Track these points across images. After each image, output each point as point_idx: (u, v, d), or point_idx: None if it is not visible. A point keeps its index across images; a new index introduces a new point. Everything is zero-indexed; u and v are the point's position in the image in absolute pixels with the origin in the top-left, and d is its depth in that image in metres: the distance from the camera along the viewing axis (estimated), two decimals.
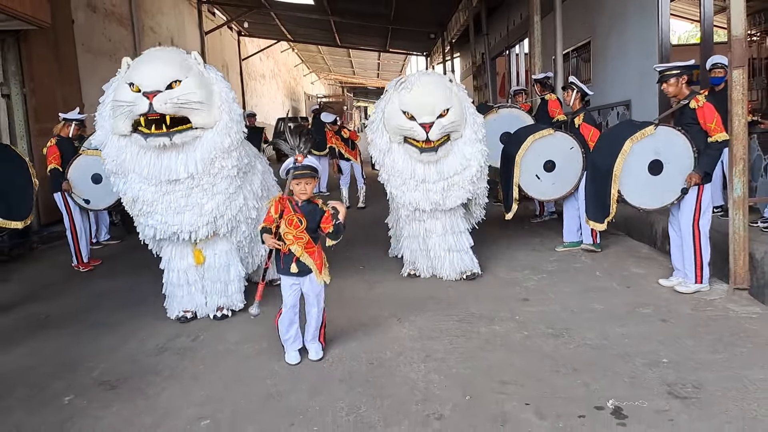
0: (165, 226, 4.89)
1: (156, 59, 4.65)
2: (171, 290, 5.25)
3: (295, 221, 4.00)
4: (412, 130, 5.45)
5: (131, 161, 4.69)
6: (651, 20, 9.14)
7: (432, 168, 5.64)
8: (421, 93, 5.46)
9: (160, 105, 4.44)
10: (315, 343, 4.25)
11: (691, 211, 5.21)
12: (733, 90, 4.96)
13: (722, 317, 4.60)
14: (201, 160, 4.68)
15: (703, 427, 3.05)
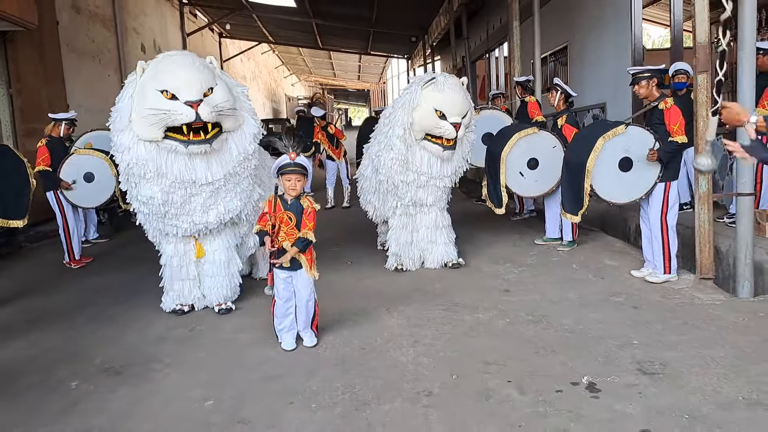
0: (192, 225, 5.05)
1: (188, 66, 4.65)
2: (169, 283, 5.39)
3: (286, 219, 4.24)
4: (444, 128, 5.80)
5: (163, 166, 4.74)
6: (625, 25, 9.50)
7: (445, 165, 6.06)
8: (452, 93, 5.85)
9: (207, 114, 4.53)
10: (308, 331, 4.49)
11: (659, 207, 5.55)
12: (698, 93, 5.29)
13: (688, 304, 4.93)
14: (233, 163, 4.88)
15: (668, 398, 3.35)
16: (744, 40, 4.95)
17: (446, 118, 5.78)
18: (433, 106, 5.81)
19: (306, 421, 3.36)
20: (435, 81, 5.90)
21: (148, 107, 4.57)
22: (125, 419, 3.50)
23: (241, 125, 4.94)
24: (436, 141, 5.91)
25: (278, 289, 4.38)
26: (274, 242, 4.26)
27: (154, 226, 5.22)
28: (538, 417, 3.24)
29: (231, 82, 5.01)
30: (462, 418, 3.28)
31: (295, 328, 4.49)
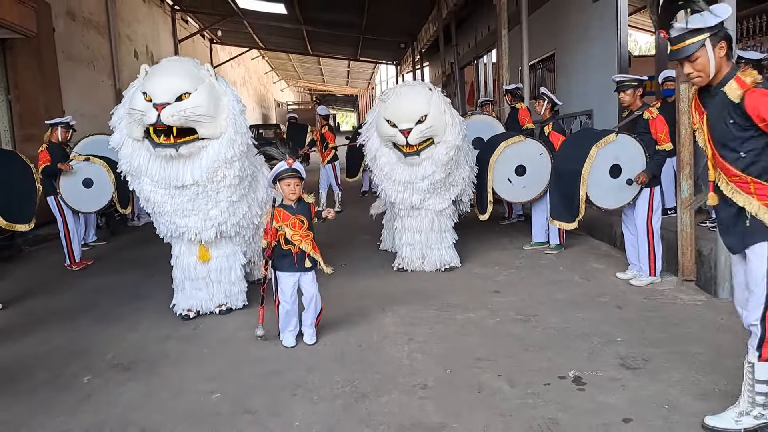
0: (174, 227, 5.22)
1: (169, 71, 4.88)
2: (181, 284, 5.50)
3: (297, 223, 4.45)
4: (395, 136, 6.02)
5: (143, 165, 4.96)
6: (611, 33, 9.79)
7: (415, 170, 6.21)
8: (399, 102, 6.08)
9: (167, 117, 4.65)
10: (312, 329, 4.69)
11: (645, 211, 5.79)
12: (680, 102, 5.54)
13: (671, 304, 5.18)
14: (205, 169, 4.92)
15: (649, 390, 3.58)
16: None
17: (396, 126, 6.01)
18: (384, 117, 6.10)
19: (309, 411, 3.56)
20: (386, 93, 6.30)
21: (130, 107, 4.85)
22: (138, 411, 3.69)
23: (222, 133, 4.97)
24: (400, 149, 6.15)
25: (285, 292, 4.55)
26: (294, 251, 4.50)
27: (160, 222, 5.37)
28: (528, 408, 3.46)
29: (223, 91, 5.07)
30: (456, 408, 3.50)
31: (297, 327, 4.68)
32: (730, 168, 2.94)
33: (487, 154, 7.19)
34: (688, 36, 2.86)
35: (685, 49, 2.88)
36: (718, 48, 2.85)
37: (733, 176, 2.95)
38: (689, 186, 5.61)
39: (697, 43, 2.85)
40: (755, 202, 2.90)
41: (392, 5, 17.44)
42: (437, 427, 3.30)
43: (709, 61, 2.86)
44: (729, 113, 2.87)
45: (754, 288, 3.00)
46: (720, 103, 2.91)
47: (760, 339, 3.00)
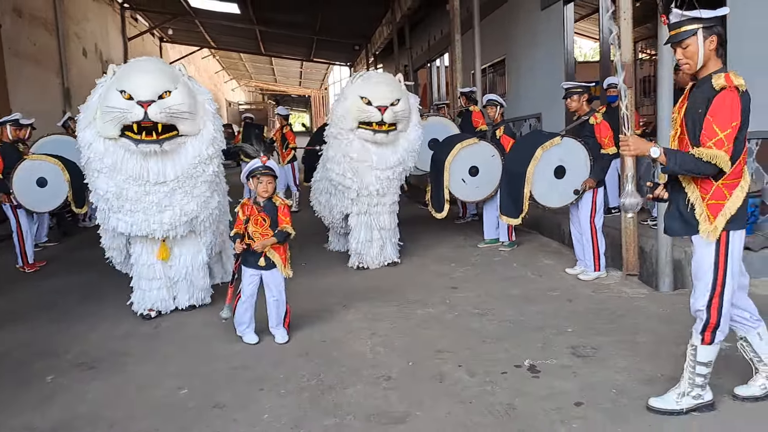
0: (146, 224, 5.17)
1: (148, 70, 4.97)
2: (138, 284, 5.50)
3: (260, 220, 4.55)
4: (369, 112, 6.27)
5: (118, 162, 4.97)
6: (558, 40, 10.14)
7: (383, 156, 6.49)
8: (378, 82, 6.44)
9: (155, 114, 4.76)
10: (280, 329, 4.76)
11: (588, 211, 6.08)
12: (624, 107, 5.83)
13: (616, 297, 5.46)
14: (186, 165, 5.06)
15: (599, 376, 3.82)
16: (663, 60, 5.49)
17: (372, 104, 6.26)
18: (359, 94, 6.36)
19: (276, 404, 3.68)
20: (362, 74, 6.62)
21: (107, 105, 4.86)
22: (105, 407, 3.75)
23: (200, 130, 5.14)
24: (368, 127, 6.39)
25: (244, 285, 4.65)
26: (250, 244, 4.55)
27: (112, 226, 5.29)
28: (487, 394, 3.65)
29: (197, 89, 5.26)
30: (419, 397, 3.67)
31: (253, 323, 4.75)
32: None
33: (442, 154, 7.41)
34: (684, 24, 3.08)
35: (678, 34, 3.11)
36: (708, 41, 3.07)
37: None
38: (633, 186, 5.90)
39: (690, 32, 3.07)
40: (696, 192, 3.15)
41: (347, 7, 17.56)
42: (402, 416, 3.46)
43: (698, 50, 3.08)
44: (704, 101, 3.08)
45: (702, 276, 3.21)
46: (701, 92, 3.12)
47: (704, 324, 3.21)
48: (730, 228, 3.13)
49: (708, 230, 3.12)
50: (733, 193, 3.12)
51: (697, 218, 3.16)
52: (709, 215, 3.13)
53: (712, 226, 3.12)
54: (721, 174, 3.08)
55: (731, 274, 3.17)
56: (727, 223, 3.11)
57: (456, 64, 10.68)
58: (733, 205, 3.11)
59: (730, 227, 3.13)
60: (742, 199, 3.13)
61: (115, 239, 5.62)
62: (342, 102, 6.56)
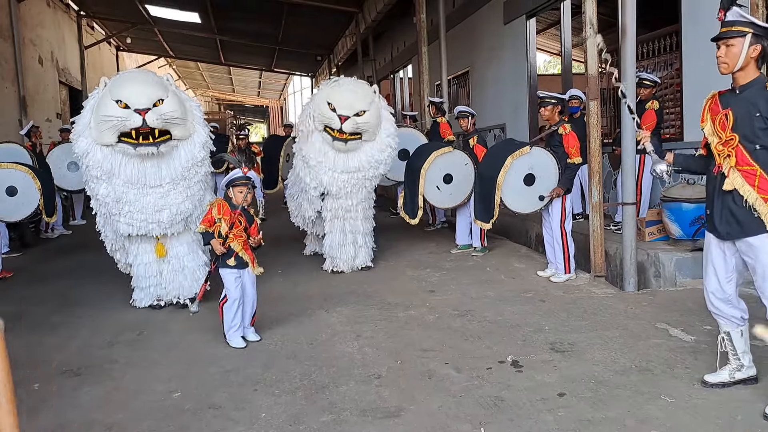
0: (144, 223, 5.56)
1: (141, 80, 5.37)
2: (139, 283, 5.91)
3: (236, 222, 4.70)
4: (331, 119, 6.40)
5: (116, 167, 5.35)
6: (521, 54, 10.47)
7: (341, 159, 6.62)
8: (346, 90, 6.49)
9: (153, 120, 5.15)
10: (251, 328, 4.92)
11: (559, 216, 6.37)
12: (590, 117, 6.14)
13: (586, 297, 5.74)
14: (180, 168, 5.46)
15: (578, 369, 4.04)
16: (626, 72, 5.81)
17: (335, 111, 6.39)
18: (326, 99, 6.49)
19: (272, 403, 3.80)
20: (336, 80, 6.70)
21: (104, 114, 5.22)
22: (99, 411, 3.79)
23: (191, 135, 5.52)
24: (331, 132, 6.51)
25: (230, 288, 4.74)
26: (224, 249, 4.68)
27: (115, 229, 5.71)
28: (475, 388, 3.84)
29: (184, 97, 5.66)
30: (410, 392, 3.84)
31: (242, 326, 4.87)
32: (746, 158, 3.28)
33: (418, 162, 7.64)
34: (737, 24, 3.23)
35: (729, 32, 3.25)
36: (752, 48, 3.24)
37: (745, 165, 3.30)
38: (599, 192, 6.21)
39: (740, 33, 3.22)
40: (754, 193, 3.27)
41: (310, 18, 17.68)
42: (396, 410, 3.62)
43: (740, 53, 3.24)
44: (759, 104, 3.22)
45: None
46: (751, 96, 3.27)
47: None
48: None
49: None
50: None
51: (762, 218, 3.25)
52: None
53: None
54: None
55: None
56: None
57: (423, 75, 10.92)
58: None
59: None
60: None
61: (117, 241, 5.99)
62: (311, 102, 6.76)
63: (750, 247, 3.36)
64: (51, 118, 16.63)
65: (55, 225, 10.67)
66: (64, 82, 18.89)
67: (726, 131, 3.34)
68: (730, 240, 3.45)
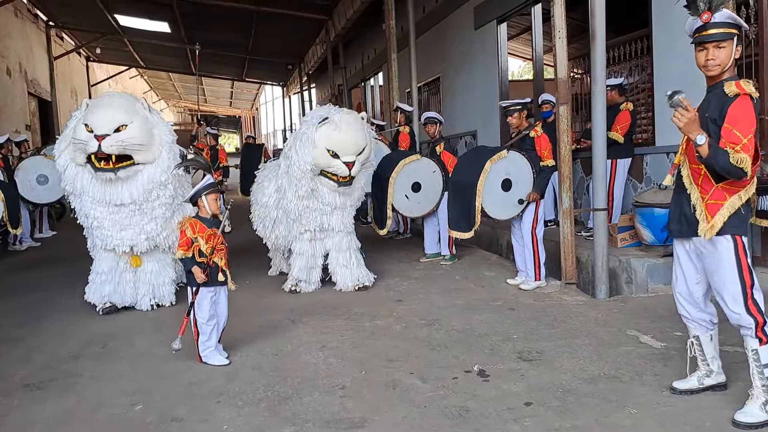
0: (110, 239, 5.88)
1: (108, 105, 5.60)
2: (98, 283, 6.11)
3: (212, 236, 4.54)
4: (336, 167, 6.01)
5: (85, 186, 5.70)
6: (492, 60, 10.50)
7: (345, 197, 6.41)
8: (347, 133, 6.01)
9: (107, 147, 5.39)
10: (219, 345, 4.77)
11: (530, 222, 6.34)
12: (560, 122, 6.14)
13: (557, 305, 5.72)
14: (141, 190, 5.67)
15: (545, 378, 4.00)
16: (596, 77, 5.81)
17: (339, 157, 6.01)
18: (326, 146, 5.97)
19: (235, 415, 3.71)
20: (329, 121, 6.03)
21: (74, 137, 5.54)
22: (60, 426, 3.70)
23: (156, 158, 5.71)
24: (332, 177, 6.12)
25: (203, 308, 4.55)
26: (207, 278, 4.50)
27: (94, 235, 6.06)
28: (440, 398, 3.78)
29: (155, 122, 5.83)
30: (375, 403, 3.77)
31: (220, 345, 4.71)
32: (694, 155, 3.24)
33: (386, 171, 7.56)
34: (727, 26, 3.22)
35: (720, 33, 3.22)
36: (737, 49, 3.25)
37: (693, 164, 3.30)
38: (569, 198, 6.20)
39: (730, 35, 3.22)
40: (697, 193, 3.28)
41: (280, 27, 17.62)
42: (360, 421, 3.55)
43: (730, 54, 3.23)
44: (712, 105, 3.23)
45: (727, 282, 3.26)
46: (713, 96, 3.27)
47: (755, 326, 3.26)
48: (734, 232, 3.23)
49: (705, 229, 3.23)
50: (732, 197, 3.22)
51: (698, 218, 3.26)
52: (707, 214, 3.24)
53: (708, 225, 3.22)
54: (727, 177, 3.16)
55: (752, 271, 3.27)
56: (730, 226, 3.21)
57: (392, 83, 10.88)
58: (732, 205, 3.21)
59: (736, 231, 3.23)
60: (737, 205, 3.21)
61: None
62: (305, 146, 6.08)
63: (705, 250, 3.35)
64: (20, 130, 16.35)
65: (23, 237, 10.46)
66: (33, 93, 18.63)
67: None
68: (682, 238, 3.46)
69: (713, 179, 3.23)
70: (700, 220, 3.27)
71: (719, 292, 3.34)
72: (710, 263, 3.34)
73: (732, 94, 3.16)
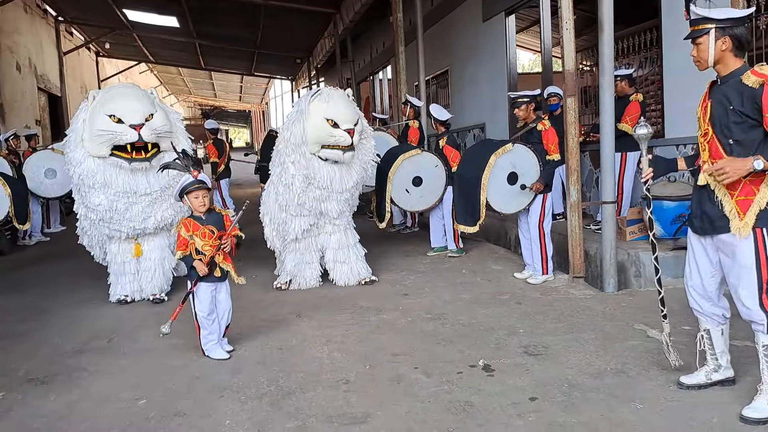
0: (132, 230, 6.03)
1: (132, 96, 5.72)
2: (114, 278, 6.30)
3: (207, 233, 4.51)
4: (338, 136, 5.99)
5: (109, 179, 5.70)
6: (501, 52, 10.42)
7: (341, 177, 6.22)
8: (341, 103, 6.13)
9: (147, 135, 5.57)
10: (223, 339, 4.76)
11: (537, 216, 6.30)
12: (568, 114, 6.07)
13: (564, 299, 5.66)
14: (168, 177, 5.75)
15: (551, 373, 3.97)
16: (604, 68, 5.75)
17: (339, 126, 5.98)
18: (324, 116, 5.97)
19: (237, 410, 3.70)
20: (321, 92, 6.19)
21: (98, 128, 5.53)
22: (63, 420, 3.69)
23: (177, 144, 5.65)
24: (336, 147, 6.06)
25: (203, 302, 4.54)
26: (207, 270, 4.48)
27: (100, 231, 6.14)
28: (444, 393, 3.75)
29: (168, 110, 6.04)
30: (378, 398, 3.74)
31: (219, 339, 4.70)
32: (720, 152, 3.22)
33: (386, 166, 7.52)
34: (699, 22, 3.21)
35: (693, 32, 3.24)
36: (720, 41, 3.18)
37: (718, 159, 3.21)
38: (577, 191, 6.13)
39: (703, 30, 3.19)
40: (724, 190, 3.21)
41: (288, 21, 17.57)
42: (363, 416, 3.53)
43: (708, 50, 3.20)
44: (733, 98, 3.15)
45: (744, 277, 3.20)
46: (728, 89, 3.20)
47: (767, 322, 3.20)
48: (758, 225, 3.16)
49: (739, 227, 3.17)
50: (761, 188, 3.15)
51: (727, 215, 3.20)
52: (738, 211, 3.17)
53: (742, 222, 3.16)
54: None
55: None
56: (758, 220, 3.15)
57: (400, 76, 10.82)
58: (762, 199, 3.14)
59: (759, 224, 3.16)
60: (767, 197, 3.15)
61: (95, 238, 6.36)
62: (300, 123, 6.06)
63: (723, 244, 3.30)
64: (30, 125, 16.40)
65: (33, 232, 10.51)
66: (42, 88, 18.68)
67: (704, 123, 3.31)
68: (706, 236, 3.39)
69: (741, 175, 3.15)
70: (731, 218, 3.20)
71: (735, 286, 3.29)
72: (730, 257, 3.28)
73: (756, 83, 3.08)
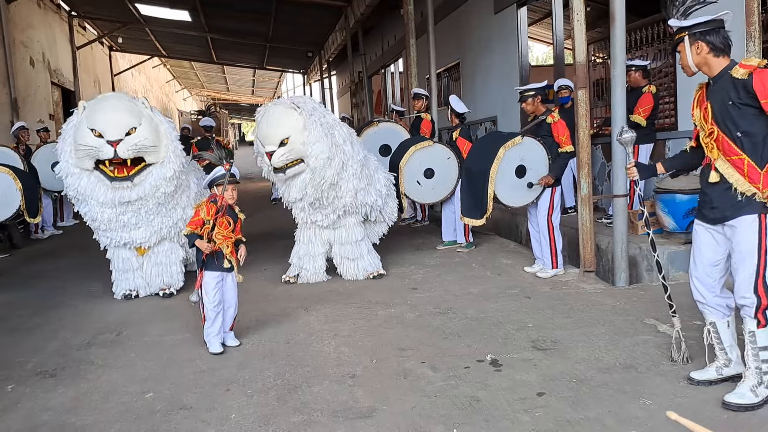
0: (120, 241, 5.98)
1: (114, 108, 5.51)
2: (117, 275, 6.24)
3: (225, 223, 4.54)
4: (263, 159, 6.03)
5: (92, 191, 5.62)
6: (512, 45, 10.33)
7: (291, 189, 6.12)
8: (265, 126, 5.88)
9: (123, 152, 5.40)
10: (230, 333, 4.76)
11: (546, 209, 6.23)
12: (579, 107, 6.00)
13: (574, 293, 5.61)
14: (148, 188, 5.65)
15: (559, 368, 3.92)
16: (615, 59, 5.66)
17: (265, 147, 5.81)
18: (257, 136, 6.00)
19: (243, 404, 3.69)
20: (258, 112, 6.02)
21: (79, 142, 5.45)
22: (70, 413, 3.71)
23: (164, 158, 5.70)
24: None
25: (209, 293, 4.56)
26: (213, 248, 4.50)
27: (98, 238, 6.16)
28: (451, 388, 3.72)
29: (159, 120, 5.78)
30: (384, 393, 3.72)
31: (222, 332, 4.70)
32: (732, 147, 3.23)
33: (398, 158, 7.48)
34: (677, 32, 3.31)
35: (674, 41, 3.35)
36: (694, 47, 3.26)
37: (733, 155, 3.24)
38: (588, 184, 6.07)
39: (679, 39, 3.31)
40: (745, 183, 3.20)
41: (299, 14, 17.53)
42: (368, 411, 3.51)
43: (687, 57, 3.29)
44: (729, 93, 3.19)
45: (744, 259, 3.24)
46: (722, 87, 3.24)
47: (756, 307, 3.25)
48: (763, 211, 3.20)
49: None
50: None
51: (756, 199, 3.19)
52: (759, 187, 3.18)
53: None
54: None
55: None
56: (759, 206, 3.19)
57: (411, 68, 10.76)
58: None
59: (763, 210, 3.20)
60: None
61: None
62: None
63: (733, 231, 3.31)
64: (44, 120, 16.49)
65: (46, 225, 10.57)
66: (56, 83, 18.76)
67: (708, 123, 3.34)
68: (719, 224, 3.39)
69: (758, 166, 3.19)
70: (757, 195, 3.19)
71: (735, 270, 3.32)
72: (735, 242, 3.30)
73: (744, 74, 3.15)
